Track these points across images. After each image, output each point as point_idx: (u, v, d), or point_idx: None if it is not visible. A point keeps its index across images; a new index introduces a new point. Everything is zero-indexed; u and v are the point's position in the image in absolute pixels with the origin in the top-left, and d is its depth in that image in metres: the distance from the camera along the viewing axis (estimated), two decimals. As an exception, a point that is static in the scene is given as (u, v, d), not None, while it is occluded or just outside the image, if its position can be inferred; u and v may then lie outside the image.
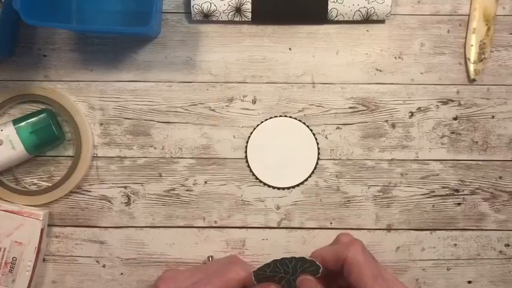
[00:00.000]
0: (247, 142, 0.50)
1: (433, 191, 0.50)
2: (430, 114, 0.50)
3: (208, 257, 0.50)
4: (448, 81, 0.50)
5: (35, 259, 0.48)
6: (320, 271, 0.42)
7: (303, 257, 0.42)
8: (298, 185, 0.50)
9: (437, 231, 0.51)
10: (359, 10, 0.48)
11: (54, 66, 0.50)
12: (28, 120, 0.47)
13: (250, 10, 0.48)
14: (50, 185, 0.50)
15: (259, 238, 0.51)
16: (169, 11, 0.50)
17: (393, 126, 0.50)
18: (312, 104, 0.50)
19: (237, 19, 0.49)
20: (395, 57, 0.50)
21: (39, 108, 0.49)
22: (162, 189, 0.50)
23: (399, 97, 0.50)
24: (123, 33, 0.50)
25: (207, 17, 0.48)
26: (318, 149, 0.50)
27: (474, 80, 0.50)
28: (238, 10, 0.48)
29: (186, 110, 0.50)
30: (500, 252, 0.51)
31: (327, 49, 0.50)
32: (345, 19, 0.49)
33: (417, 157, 0.50)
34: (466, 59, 0.50)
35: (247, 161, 0.50)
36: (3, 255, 0.48)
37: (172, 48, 0.50)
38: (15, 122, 0.47)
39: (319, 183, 0.50)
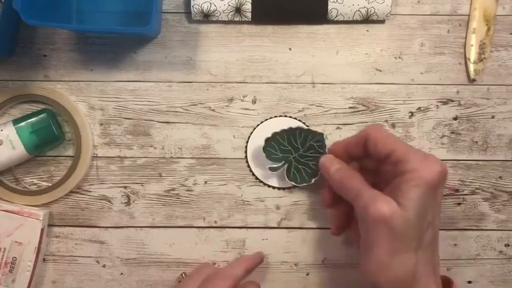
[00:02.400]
0: (247, 142, 0.50)
1: (433, 191, 0.50)
2: (430, 114, 0.50)
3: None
4: (448, 81, 0.50)
5: (35, 259, 0.48)
6: (325, 141, 0.46)
7: (308, 129, 0.47)
8: (294, 186, 0.50)
9: (437, 231, 0.51)
10: (359, 10, 0.48)
11: (54, 66, 0.50)
12: (28, 120, 0.47)
13: (250, 10, 0.48)
14: (50, 185, 0.50)
15: (259, 238, 0.51)
16: (169, 11, 0.50)
17: (393, 126, 0.50)
18: (312, 104, 0.50)
19: (237, 19, 0.49)
20: (395, 57, 0.50)
21: (39, 108, 0.49)
22: (162, 189, 0.50)
23: (399, 97, 0.50)
24: (123, 33, 0.50)
25: (207, 17, 0.48)
26: (318, 149, 0.50)
27: (474, 80, 0.50)
28: (238, 10, 0.48)
29: (186, 110, 0.50)
30: (500, 252, 0.51)
31: (327, 49, 0.50)
32: (345, 19, 0.49)
33: (417, 157, 0.50)
34: (466, 59, 0.50)
35: (247, 161, 0.50)
36: (3, 255, 0.48)
37: (172, 48, 0.50)
38: (15, 122, 0.47)
39: (320, 183, 0.50)
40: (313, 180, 0.47)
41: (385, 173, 0.41)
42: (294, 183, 0.48)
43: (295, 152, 0.47)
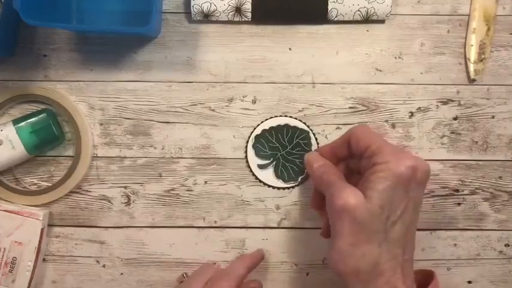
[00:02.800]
0: (247, 142, 0.50)
1: (433, 191, 0.50)
2: (430, 114, 0.50)
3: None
4: (448, 81, 0.50)
5: (35, 259, 0.48)
6: (311, 139, 0.48)
7: (295, 126, 0.48)
8: (298, 185, 0.50)
9: (437, 231, 0.51)
10: (359, 10, 0.48)
11: (54, 66, 0.50)
12: (28, 120, 0.47)
13: (250, 10, 0.48)
14: (50, 185, 0.50)
15: (259, 238, 0.51)
16: (169, 11, 0.50)
17: (393, 126, 0.50)
18: (312, 104, 0.50)
19: (237, 19, 0.49)
20: (395, 57, 0.50)
21: (39, 108, 0.49)
22: (162, 189, 0.50)
23: (399, 97, 0.50)
24: (123, 33, 0.50)
25: (207, 17, 0.48)
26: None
27: (474, 80, 0.50)
28: (238, 10, 0.48)
29: (186, 110, 0.50)
30: (500, 252, 0.51)
31: (327, 49, 0.50)
32: (345, 19, 0.49)
33: (417, 157, 0.50)
34: (466, 59, 0.50)
35: (247, 161, 0.50)
36: (3, 255, 0.48)
37: (172, 48, 0.50)
38: (15, 122, 0.47)
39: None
40: (299, 179, 0.48)
41: (362, 169, 0.41)
42: (282, 181, 0.49)
43: (283, 150, 0.48)
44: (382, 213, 0.38)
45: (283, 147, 0.48)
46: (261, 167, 0.48)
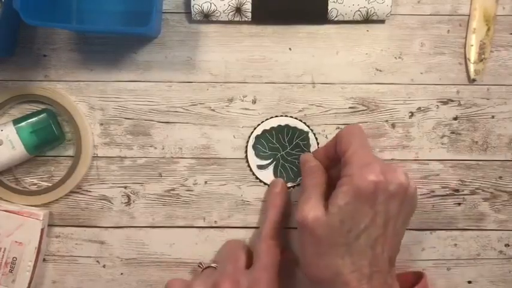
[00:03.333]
0: (247, 142, 0.50)
1: (433, 191, 0.50)
2: (430, 114, 0.50)
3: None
4: (448, 81, 0.50)
5: (35, 259, 0.48)
6: (310, 140, 0.48)
7: (295, 127, 0.48)
8: (298, 185, 0.50)
9: (437, 231, 0.51)
10: (359, 10, 0.48)
11: (54, 66, 0.50)
12: (28, 120, 0.47)
13: (250, 10, 0.48)
14: (50, 185, 0.50)
15: (259, 238, 0.51)
16: (169, 11, 0.50)
17: (393, 126, 0.50)
18: (312, 104, 0.50)
19: (237, 19, 0.49)
20: (395, 57, 0.50)
21: (39, 108, 0.49)
22: (162, 189, 0.50)
23: (399, 97, 0.50)
24: (123, 33, 0.50)
25: (207, 17, 0.48)
26: (318, 149, 0.50)
27: (474, 80, 0.50)
28: (238, 10, 0.48)
29: (186, 110, 0.50)
30: (500, 252, 0.51)
31: (327, 49, 0.50)
32: (345, 19, 0.49)
33: (417, 157, 0.50)
34: (466, 59, 0.50)
35: (247, 161, 0.50)
36: (3, 255, 0.48)
37: (172, 48, 0.50)
38: (15, 122, 0.47)
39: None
40: (298, 180, 0.48)
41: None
42: None
43: (283, 150, 0.48)
44: (342, 227, 0.38)
45: (283, 147, 0.48)
46: (260, 167, 0.48)
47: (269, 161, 0.48)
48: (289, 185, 0.49)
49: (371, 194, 0.38)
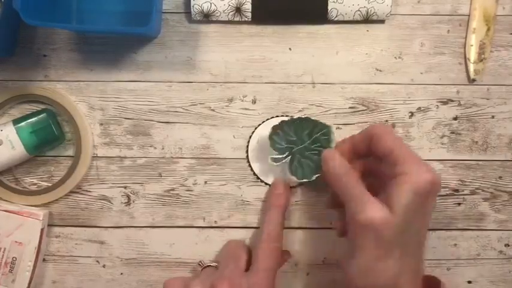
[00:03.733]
0: (248, 142, 0.50)
1: (433, 191, 0.50)
2: (430, 114, 0.50)
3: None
4: (448, 81, 0.50)
5: (35, 259, 0.48)
6: (332, 135, 0.46)
7: (316, 120, 0.46)
8: (298, 185, 0.50)
9: (437, 231, 0.51)
10: (359, 10, 0.48)
11: (54, 66, 0.50)
12: (28, 120, 0.47)
13: (250, 10, 0.48)
14: (50, 185, 0.50)
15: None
16: (169, 11, 0.50)
17: (393, 126, 0.50)
18: (312, 104, 0.50)
19: (237, 19, 0.49)
20: (395, 57, 0.50)
21: (39, 108, 0.49)
22: (162, 189, 0.50)
23: (399, 97, 0.50)
24: (123, 33, 0.50)
25: (207, 17, 0.48)
26: (318, 148, 0.50)
27: (474, 80, 0.50)
28: (238, 10, 0.48)
29: (186, 110, 0.50)
30: (500, 252, 0.51)
31: (327, 49, 0.50)
32: (345, 19, 0.49)
33: (417, 157, 0.50)
34: (466, 59, 0.50)
35: (248, 161, 0.50)
36: (3, 255, 0.48)
37: (172, 48, 0.50)
38: (15, 122, 0.47)
39: (319, 183, 0.50)
40: (314, 177, 0.46)
41: (382, 174, 0.41)
42: (295, 178, 0.47)
43: (301, 144, 0.46)
44: (405, 227, 0.37)
45: (301, 141, 0.46)
46: (275, 160, 0.46)
47: (284, 154, 0.46)
48: (304, 180, 0.47)
49: (427, 193, 0.37)
